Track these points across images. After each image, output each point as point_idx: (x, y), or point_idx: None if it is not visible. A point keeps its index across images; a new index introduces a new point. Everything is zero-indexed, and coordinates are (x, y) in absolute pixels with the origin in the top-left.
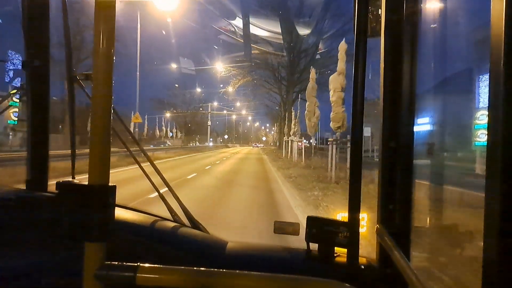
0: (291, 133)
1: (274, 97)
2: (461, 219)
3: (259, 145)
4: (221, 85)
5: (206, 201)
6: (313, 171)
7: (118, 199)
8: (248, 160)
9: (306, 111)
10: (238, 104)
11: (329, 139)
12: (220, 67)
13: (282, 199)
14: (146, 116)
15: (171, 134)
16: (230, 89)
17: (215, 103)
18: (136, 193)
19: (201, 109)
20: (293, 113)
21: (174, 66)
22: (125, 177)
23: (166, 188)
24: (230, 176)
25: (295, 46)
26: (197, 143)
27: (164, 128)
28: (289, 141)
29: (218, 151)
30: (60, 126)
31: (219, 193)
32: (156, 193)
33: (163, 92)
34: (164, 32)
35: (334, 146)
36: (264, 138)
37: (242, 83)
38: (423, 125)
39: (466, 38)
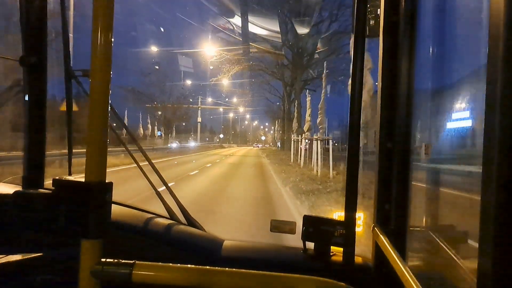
0: (305, 128)
1: (276, 88)
2: None
3: (260, 145)
4: (211, 67)
5: None
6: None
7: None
8: (242, 167)
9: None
10: (234, 100)
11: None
12: (211, 51)
13: None
14: (126, 112)
15: (159, 133)
16: (224, 80)
17: (210, 99)
18: None
19: (191, 100)
20: (308, 98)
21: (154, 49)
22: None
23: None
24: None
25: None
26: (174, 144)
27: (149, 125)
28: (301, 140)
29: (207, 153)
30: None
31: None
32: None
33: (139, 81)
34: (162, 29)
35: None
36: (263, 138)
37: (238, 71)
38: (462, 120)
39: None
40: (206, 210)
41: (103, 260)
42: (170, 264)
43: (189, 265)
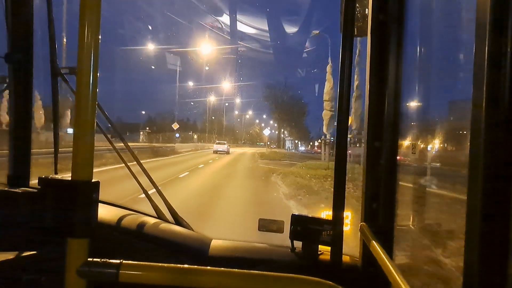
0: None
1: None
2: None
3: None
4: None
5: None
6: None
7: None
8: None
9: None
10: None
11: None
12: None
13: None
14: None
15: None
16: None
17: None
18: None
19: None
20: None
21: None
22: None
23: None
24: None
25: None
26: None
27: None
28: None
29: None
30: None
31: None
32: None
33: None
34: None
35: None
36: (266, 132)
37: None
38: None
39: None
40: None
41: (89, 259)
42: (157, 263)
43: (176, 265)
